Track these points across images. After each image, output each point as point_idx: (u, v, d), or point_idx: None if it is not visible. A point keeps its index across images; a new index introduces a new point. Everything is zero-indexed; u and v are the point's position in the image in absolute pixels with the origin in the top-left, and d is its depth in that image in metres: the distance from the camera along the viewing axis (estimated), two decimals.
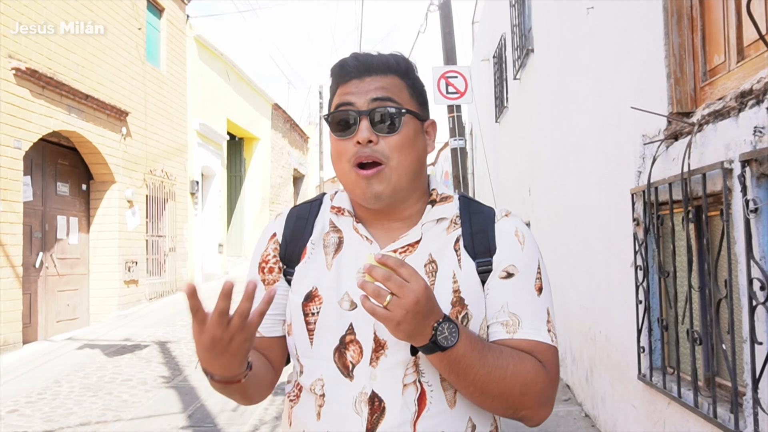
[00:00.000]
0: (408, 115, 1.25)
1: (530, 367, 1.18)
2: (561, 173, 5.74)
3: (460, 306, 1.21)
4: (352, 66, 1.27)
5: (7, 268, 7.61)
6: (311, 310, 1.25)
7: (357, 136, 1.21)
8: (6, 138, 7.60)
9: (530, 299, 1.24)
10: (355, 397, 1.20)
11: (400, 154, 1.23)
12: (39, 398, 5.81)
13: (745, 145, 2.34)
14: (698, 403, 2.78)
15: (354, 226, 1.30)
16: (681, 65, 3.09)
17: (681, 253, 3.09)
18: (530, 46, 7.25)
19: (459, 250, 1.26)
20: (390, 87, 1.25)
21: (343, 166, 1.24)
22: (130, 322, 9.62)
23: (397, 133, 1.23)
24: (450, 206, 1.31)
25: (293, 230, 1.35)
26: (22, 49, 8.00)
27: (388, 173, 1.22)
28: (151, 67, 11.84)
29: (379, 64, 1.27)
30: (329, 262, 1.28)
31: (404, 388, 1.19)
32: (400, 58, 1.30)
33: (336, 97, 1.28)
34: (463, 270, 1.24)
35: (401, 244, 1.26)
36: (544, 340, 1.22)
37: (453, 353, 1.10)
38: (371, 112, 1.22)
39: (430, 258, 1.25)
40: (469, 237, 1.27)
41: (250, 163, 19.43)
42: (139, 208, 10.98)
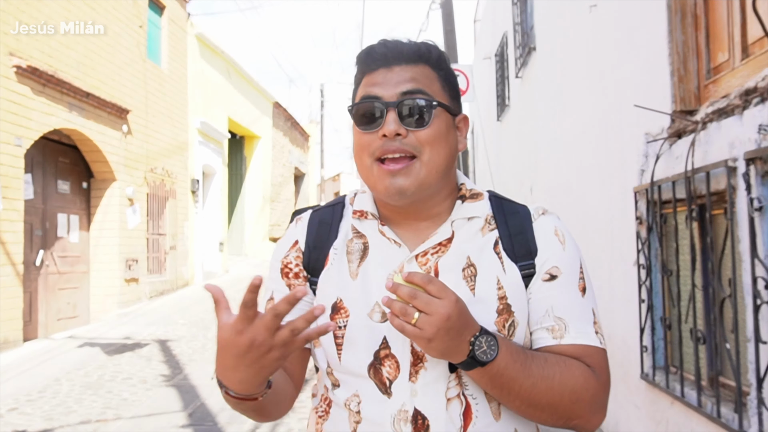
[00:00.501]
0: (439, 108, 1.15)
1: (579, 374, 1.11)
2: (563, 171, 5.72)
3: (507, 314, 1.14)
4: (380, 54, 1.17)
5: (7, 266, 7.60)
6: (338, 323, 1.16)
7: (383, 128, 1.12)
8: (7, 136, 7.59)
9: (575, 301, 1.17)
10: (394, 416, 1.12)
11: (432, 149, 1.13)
12: (39, 396, 5.80)
13: (749, 143, 2.33)
14: (702, 402, 2.77)
15: (380, 230, 1.21)
16: (685, 63, 3.07)
17: (684, 251, 3.08)
18: (532, 44, 7.23)
19: (500, 253, 1.18)
20: (420, 77, 1.16)
21: (365, 160, 1.16)
22: (130, 321, 9.61)
23: (427, 126, 1.13)
24: (481, 205, 1.23)
25: (317, 236, 1.25)
26: (23, 46, 7.99)
27: (418, 168, 1.13)
28: (152, 65, 11.83)
29: (410, 52, 1.17)
30: (354, 270, 1.19)
31: (448, 402, 1.12)
32: (432, 46, 1.20)
33: (361, 88, 1.18)
34: (508, 274, 1.16)
35: (432, 244, 1.18)
36: (592, 343, 1.15)
37: (494, 367, 1.04)
38: (399, 104, 1.13)
39: (469, 261, 1.16)
40: (507, 239, 1.19)
41: (251, 161, 19.43)
42: (139, 206, 10.98)
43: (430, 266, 1.16)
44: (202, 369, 6.67)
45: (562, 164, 5.77)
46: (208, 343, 8.08)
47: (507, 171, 10.12)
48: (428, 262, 1.17)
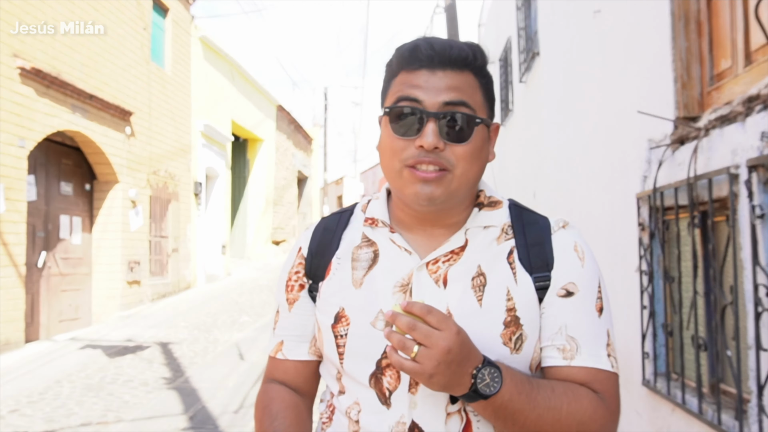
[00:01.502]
0: (481, 124, 1.11)
1: (587, 404, 1.07)
2: (566, 177, 5.72)
3: (515, 326, 1.10)
4: (426, 54, 1.10)
5: (9, 267, 7.62)
6: (339, 332, 1.15)
7: (422, 140, 1.07)
8: (10, 137, 7.61)
9: (590, 321, 1.12)
10: (392, 427, 1.09)
11: (467, 164, 1.10)
12: (40, 398, 5.80)
13: (751, 150, 2.33)
14: (702, 409, 2.76)
15: (390, 238, 1.18)
16: (688, 69, 3.07)
17: (686, 258, 3.07)
18: (536, 50, 7.23)
19: (513, 263, 1.14)
20: (464, 87, 1.10)
21: (394, 164, 1.11)
22: (132, 323, 9.62)
23: (467, 143, 1.09)
24: (499, 213, 1.19)
25: (319, 243, 1.24)
26: (27, 48, 8.02)
27: (450, 179, 1.09)
28: (155, 67, 11.86)
29: (457, 57, 1.10)
30: (358, 279, 1.17)
31: (448, 417, 1.09)
32: (478, 50, 1.14)
33: (398, 85, 1.12)
34: (520, 286, 1.12)
35: (443, 252, 1.15)
36: (603, 368, 1.11)
37: (498, 400, 1.00)
38: (442, 117, 1.07)
39: (479, 270, 1.13)
40: (524, 249, 1.15)
41: (254, 164, 19.45)
42: (142, 208, 10.99)
43: (440, 274, 1.13)
44: (204, 372, 6.67)
45: (565, 169, 5.76)
46: (210, 346, 8.08)
47: (510, 176, 10.11)
48: (439, 270, 1.14)
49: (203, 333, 8.89)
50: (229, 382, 6.29)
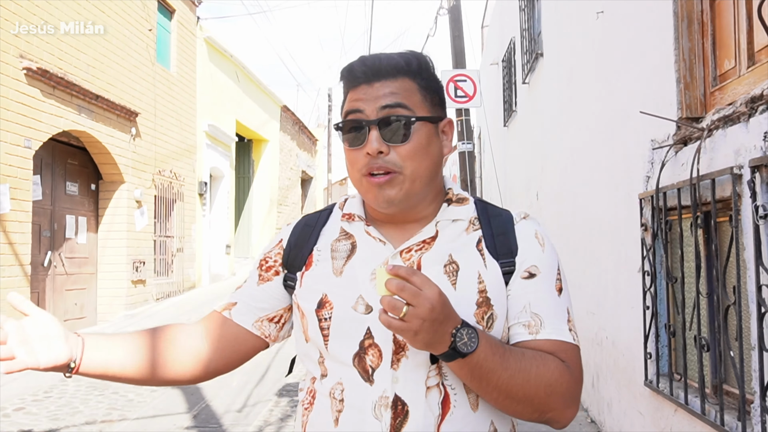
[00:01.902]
0: (419, 122, 1.21)
1: (554, 368, 1.16)
2: (569, 177, 5.72)
3: (486, 306, 1.19)
4: (360, 71, 1.22)
5: (15, 266, 7.65)
6: (323, 316, 1.23)
7: (366, 147, 1.19)
8: (16, 137, 7.65)
9: (552, 299, 1.23)
10: (375, 402, 1.17)
11: (413, 162, 1.20)
12: (45, 396, 5.83)
13: (755, 150, 2.33)
14: (705, 410, 2.76)
15: (366, 230, 1.28)
16: (691, 70, 3.07)
17: (689, 258, 3.07)
18: (539, 51, 7.24)
19: (482, 251, 1.25)
20: (400, 91, 1.21)
21: (354, 174, 1.23)
22: (137, 322, 9.64)
23: (408, 142, 1.19)
24: (466, 208, 1.30)
25: (299, 236, 1.35)
26: (33, 49, 8.05)
27: (401, 180, 1.19)
28: (161, 68, 11.89)
29: (388, 67, 1.21)
30: (338, 268, 1.27)
31: (427, 390, 1.17)
32: (410, 57, 1.25)
33: (346, 104, 1.25)
34: (489, 270, 1.23)
35: (415, 241, 1.25)
36: (566, 339, 1.21)
37: (474, 359, 1.08)
38: (380, 122, 1.18)
39: (450, 258, 1.23)
40: (490, 239, 1.26)
41: (259, 164, 19.47)
42: (147, 208, 11.02)
43: (413, 261, 1.23)
44: None
45: (568, 170, 5.77)
46: None
47: (513, 176, 10.11)
48: (412, 257, 1.23)
49: None
50: (233, 381, 6.31)
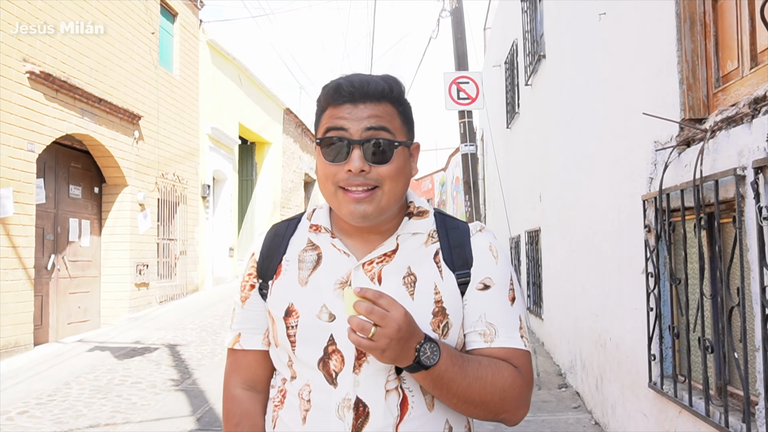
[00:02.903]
0: (400, 146, 1.28)
1: (507, 374, 1.25)
2: (572, 179, 5.71)
3: (442, 315, 1.28)
4: (347, 91, 1.26)
5: (19, 270, 7.66)
6: (290, 323, 1.30)
7: (349, 164, 1.23)
8: (19, 141, 7.66)
9: (505, 309, 1.32)
10: (338, 404, 1.25)
11: (392, 181, 1.26)
12: (49, 400, 5.83)
13: (758, 151, 2.33)
14: (710, 412, 2.75)
15: (331, 242, 1.35)
16: (693, 71, 3.07)
17: (693, 260, 3.07)
18: (542, 52, 7.24)
19: (439, 263, 1.33)
20: (383, 115, 1.26)
21: (329, 187, 1.28)
22: (140, 325, 9.65)
23: (390, 164, 1.26)
24: (426, 222, 1.37)
25: (269, 247, 1.41)
26: (36, 52, 8.07)
27: (380, 196, 1.26)
28: (164, 71, 11.91)
29: (374, 91, 1.26)
30: (303, 278, 1.33)
31: (387, 393, 1.25)
32: (393, 83, 1.31)
33: (326, 119, 1.29)
34: (445, 281, 1.31)
35: (377, 254, 1.32)
36: (518, 347, 1.30)
37: (436, 370, 1.18)
38: (364, 143, 1.24)
39: (409, 270, 1.31)
40: (447, 251, 1.34)
41: (262, 167, 19.48)
42: (150, 211, 11.04)
43: (374, 273, 1.31)
44: (211, 373, 6.69)
45: (571, 172, 5.76)
46: (217, 348, 8.10)
47: (516, 178, 10.11)
48: (373, 269, 1.31)
49: (211, 335, 8.91)
50: None
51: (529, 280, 9.02)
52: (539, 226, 7.88)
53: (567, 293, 6.02)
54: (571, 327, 5.86)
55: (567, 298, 6.01)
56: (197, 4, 13.80)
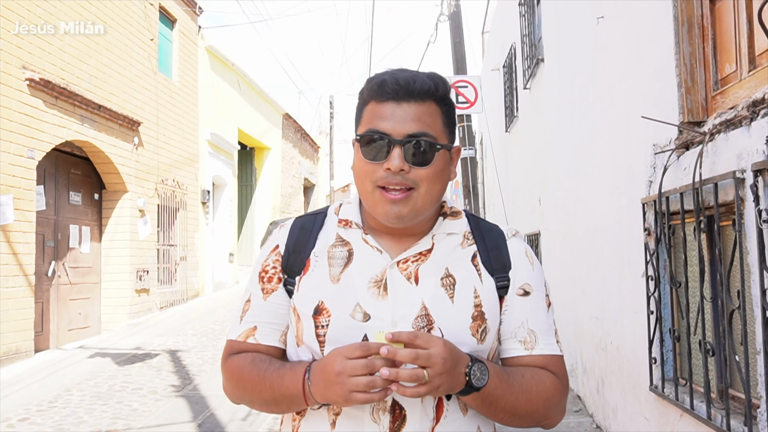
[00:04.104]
0: (441, 150, 1.25)
1: (549, 384, 1.27)
2: (571, 183, 5.72)
3: (481, 320, 1.26)
4: (392, 88, 1.23)
5: (19, 276, 7.66)
6: (320, 323, 1.25)
7: (389, 163, 1.20)
8: (19, 148, 7.67)
9: (543, 316, 1.32)
10: (373, 406, 1.21)
11: (430, 184, 1.23)
12: (50, 407, 5.83)
13: (757, 154, 2.33)
14: (711, 415, 2.75)
15: (363, 238, 1.31)
16: (692, 74, 3.08)
17: (693, 263, 3.07)
18: (540, 56, 7.25)
19: (478, 266, 1.30)
20: (426, 118, 1.23)
21: (366, 185, 1.24)
22: (141, 331, 9.65)
23: (429, 166, 1.23)
24: (460, 222, 1.35)
25: (296, 241, 1.35)
26: (36, 59, 8.09)
27: (416, 198, 1.22)
28: (163, 77, 11.93)
29: (420, 90, 1.23)
30: (335, 275, 1.29)
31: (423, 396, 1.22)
32: (440, 82, 1.27)
33: (369, 114, 1.25)
34: (484, 285, 1.29)
35: (412, 253, 1.29)
36: (556, 353, 1.31)
37: (486, 390, 1.18)
38: (406, 143, 1.21)
39: (447, 272, 1.28)
40: (485, 254, 1.32)
41: (261, 172, 19.50)
42: (150, 217, 11.04)
43: (410, 271, 1.28)
44: (212, 379, 6.68)
45: (570, 175, 5.76)
46: (218, 353, 8.09)
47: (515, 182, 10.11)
48: (408, 267, 1.28)
49: (211, 341, 8.90)
50: None
51: None
52: (539, 229, 7.88)
53: (567, 296, 6.02)
54: (571, 330, 5.85)
55: (567, 301, 6.01)
56: (196, 11, 13.82)
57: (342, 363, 1.12)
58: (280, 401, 1.25)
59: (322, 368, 1.16)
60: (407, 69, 1.28)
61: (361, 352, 1.12)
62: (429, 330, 1.23)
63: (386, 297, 1.25)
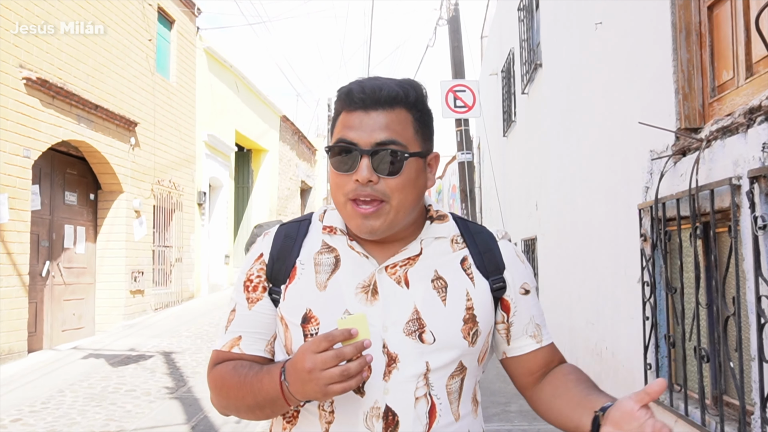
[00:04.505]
0: (411, 157, 1.22)
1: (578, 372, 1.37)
2: (568, 188, 5.72)
3: (472, 323, 1.26)
4: (358, 97, 1.22)
5: (13, 276, 7.63)
6: (309, 331, 1.24)
7: (357, 174, 1.19)
8: (15, 147, 7.64)
9: (541, 310, 1.39)
10: (366, 413, 1.20)
11: (401, 194, 1.21)
12: (43, 408, 5.80)
13: (753, 161, 2.33)
14: (705, 421, 2.75)
15: (349, 244, 1.30)
16: (689, 81, 3.08)
17: (688, 269, 3.07)
18: (538, 61, 7.26)
19: (469, 269, 1.31)
20: (394, 125, 1.21)
21: (339, 198, 1.24)
22: (135, 332, 9.62)
23: (398, 176, 1.21)
24: (448, 226, 1.35)
25: (281, 249, 1.33)
26: (33, 58, 8.07)
27: (387, 210, 1.21)
28: (160, 78, 11.92)
29: (387, 97, 1.21)
30: (322, 282, 1.27)
31: (416, 401, 1.21)
32: (409, 87, 1.25)
33: (339, 126, 1.25)
34: (477, 288, 1.29)
35: (401, 258, 1.28)
36: (552, 340, 1.40)
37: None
38: (373, 154, 1.20)
39: (437, 274, 1.28)
40: (478, 256, 1.32)
41: (258, 174, 19.48)
42: (146, 218, 11.01)
43: (399, 276, 1.27)
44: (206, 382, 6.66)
45: (567, 180, 5.77)
46: None
47: (513, 187, 10.12)
48: (397, 272, 1.27)
49: (206, 342, 8.88)
50: None
51: None
52: (535, 234, 7.88)
53: (563, 301, 6.02)
54: (566, 335, 5.85)
55: (563, 306, 6.01)
56: (194, 12, 13.82)
57: (311, 359, 1.08)
58: (263, 405, 1.23)
59: (294, 367, 1.12)
60: (380, 77, 1.27)
61: (327, 343, 1.08)
62: (420, 334, 1.22)
63: (375, 302, 1.24)
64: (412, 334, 1.22)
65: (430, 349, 1.22)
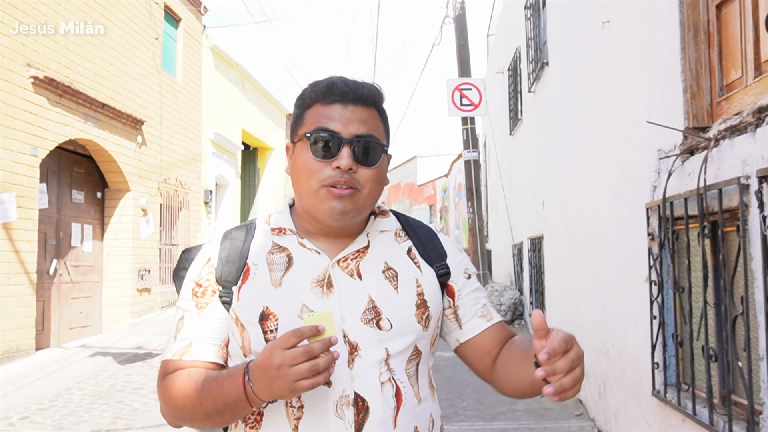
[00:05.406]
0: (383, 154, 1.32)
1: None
2: (575, 187, 5.71)
3: (424, 308, 1.34)
4: (341, 90, 1.29)
5: (21, 274, 7.67)
6: (269, 328, 1.26)
7: (338, 161, 1.25)
8: (23, 146, 7.68)
9: (485, 293, 1.47)
10: (336, 402, 1.23)
11: (373, 185, 1.30)
12: (50, 405, 5.83)
13: (762, 161, 2.32)
14: (714, 421, 2.74)
15: (300, 242, 1.35)
16: (697, 80, 3.07)
17: (696, 268, 3.06)
18: (545, 60, 7.25)
19: (415, 258, 1.39)
20: (371, 121, 1.30)
21: (312, 184, 1.28)
22: (142, 330, 9.65)
23: (375, 167, 1.29)
24: (390, 220, 1.44)
25: (229, 251, 1.36)
26: (40, 57, 8.10)
27: (359, 197, 1.28)
28: (167, 76, 11.95)
29: (367, 96, 1.30)
30: (276, 280, 1.31)
31: (382, 385, 1.26)
32: (380, 92, 1.35)
33: (313, 116, 1.30)
34: (424, 275, 1.37)
35: (351, 251, 1.35)
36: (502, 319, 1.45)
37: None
38: (355, 143, 1.27)
39: (387, 265, 1.35)
40: (421, 246, 1.41)
41: (264, 172, 19.52)
42: (153, 216, 11.04)
43: (351, 269, 1.33)
44: None
45: (574, 179, 5.76)
46: None
47: (519, 185, 10.11)
48: (349, 265, 1.33)
49: None
50: None
51: (531, 287, 9.01)
52: (542, 233, 7.87)
53: (569, 300, 6.01)
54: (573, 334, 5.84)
55: (569, 305, 6.00)
56: (201, 10, 13.85)
57: (280, 355, 1.09)
58: (223, 410, 1.21)
59: (260, 366, 1.13)
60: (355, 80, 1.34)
61: (295, 339, 1.09)
62: (378, 321, 1.28)
63: (331, 295, 1.28)
64: (369, 323, 1.27)
65: (387, 336, 1.28)
